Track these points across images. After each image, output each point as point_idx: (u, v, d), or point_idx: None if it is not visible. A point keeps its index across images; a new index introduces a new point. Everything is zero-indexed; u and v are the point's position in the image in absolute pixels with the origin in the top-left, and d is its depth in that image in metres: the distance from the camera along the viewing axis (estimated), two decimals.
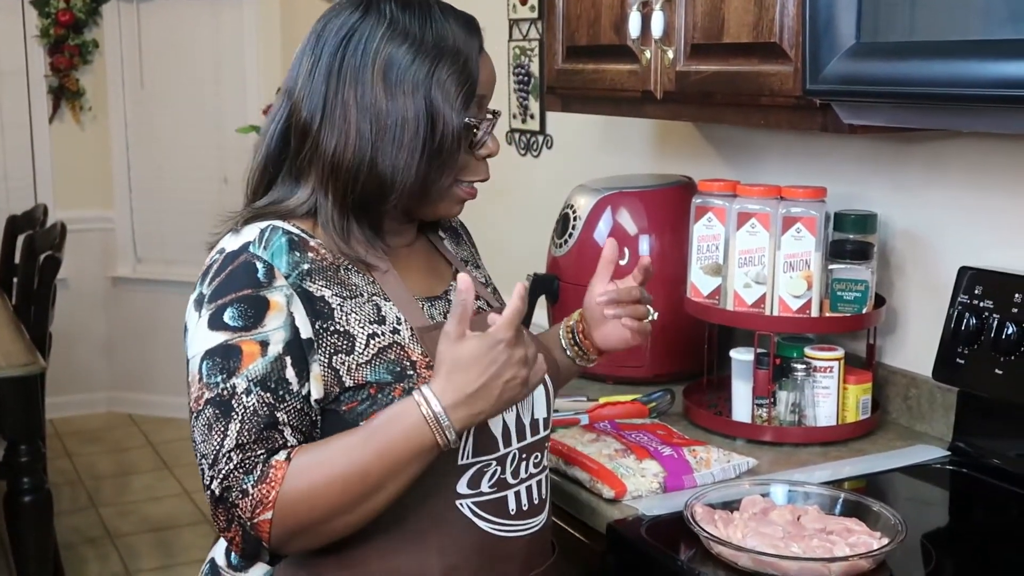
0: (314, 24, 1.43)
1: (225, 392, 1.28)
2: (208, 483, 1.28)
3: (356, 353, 1.32)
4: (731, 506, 1.54)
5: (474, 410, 1.27)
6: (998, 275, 1.76)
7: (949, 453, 1.82)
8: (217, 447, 1.27)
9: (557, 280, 2.26)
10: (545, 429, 1.49)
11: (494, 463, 1.39)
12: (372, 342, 1.33)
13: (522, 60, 2.90)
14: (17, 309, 3.78)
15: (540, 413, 1.47)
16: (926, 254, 1.95)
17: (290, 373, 1.29)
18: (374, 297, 1.37)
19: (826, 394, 1.88)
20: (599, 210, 2.21)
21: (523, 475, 1.44)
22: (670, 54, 1.92)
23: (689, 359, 2.19)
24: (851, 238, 1.89)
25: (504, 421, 1.40)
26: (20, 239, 4.14)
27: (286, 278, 1.32)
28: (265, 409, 1.28)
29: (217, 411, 1.28)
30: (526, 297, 1.29)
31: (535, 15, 2.82)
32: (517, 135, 2.99)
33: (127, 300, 5.28)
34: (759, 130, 2.20)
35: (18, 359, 3.01)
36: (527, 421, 1.43)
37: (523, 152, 2.97)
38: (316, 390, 1.31)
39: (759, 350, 1.88)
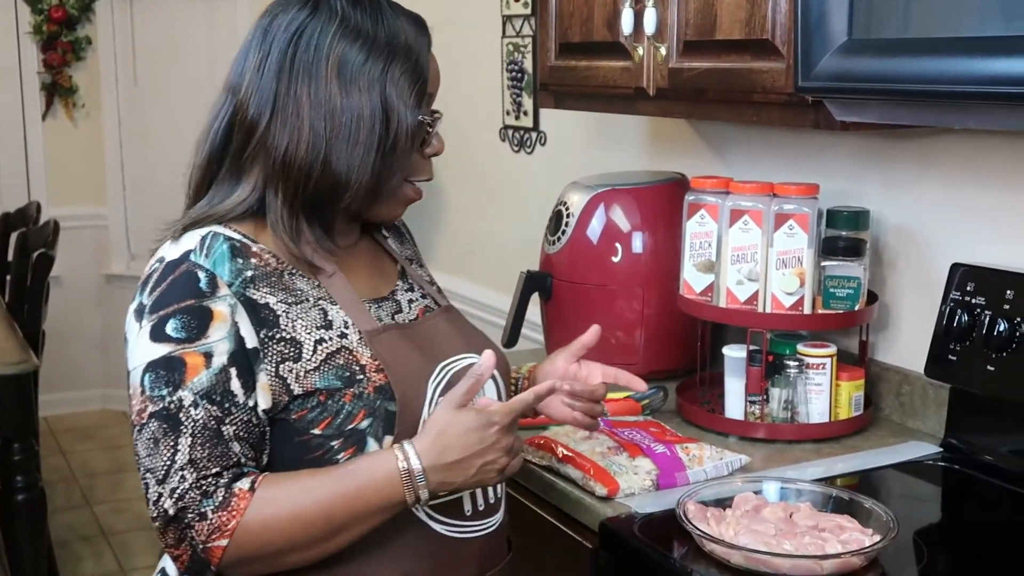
0: (258, 20, 1.40)
1: (172, 406, 1.26)
2: (156, 499, 1.26)
3: (304, 360, 1.31)
4: (724, 503, 1.54)
5: (448, 478, 1.28)
6: (990, 271, 1.76)
7: (941, 450, 1.83)
8: (167, 463, 1.25)
9: (550, 277, 2.26)
10: None
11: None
12: (320, 348, 1.32)
13: (515, 56, 2.89)
14: (10, 307, 3.77)
15: None
16: (918, 251, 1.95)
17: (235, 385, 1.28)
18: (320, 301, 1.35)
19: (819, 391, 1.88)
20: (592, 207, 2.21)
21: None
22: (663, 51, 1.92)
23: (682, 356, 2.19)
24: (843, 235, 1.89)
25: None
26: (13, 236, 4.13)
27: (229, 287, 1.29)
28: (213, 423, 1.26)
29: (164, 425, 1.26)
30: (541, 397, 1.34)
31: (528, 11, 2.81)
32: (510, 132, 2.99)
33: (121, 297, 5.23)
34: (752, 127, 2.20)
35: (11, 357, 3.00)
36: None
37: (516, 149, 2.97)
38: (264, 400, 1.29)
39: (752, 347, 1.89)
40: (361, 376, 1.32)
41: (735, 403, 1.93)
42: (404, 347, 1.38)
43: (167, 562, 1.40)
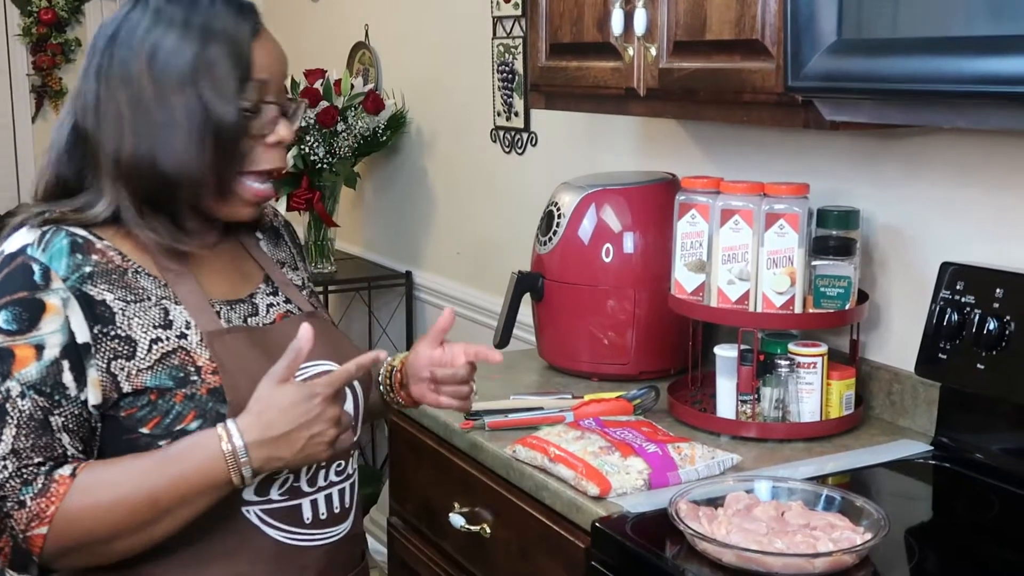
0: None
1: None
2: None
3: (137, 358, 1.30)
4: (715, 502, 1.54)
5: (275, 454, 1.27)
6: (980, 270, 1.77)
7: (932, 448, 1.83)
8: None
9: (542, 278, 2.27)
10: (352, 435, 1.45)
11: (285, 470, 1.35)
12: (155, 347, 1.31)
13: (506, 57, 2.90)
14: None
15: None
16: (908, 250, 1.95)
17: (67, 378, 1.27)
18: (163, 301, 1.34)
19: (810, 390, 1.88)
20: (583, 207, 2.21)
21: (321, 483, 1.41)
22: (653, 51, 1.92)
23: (673, 356, 2.20)
24: (834, 234, 1.90)
25: None
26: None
27: (64, 281, 1.29)
28: (40, 414, 1.26)
29: None
30: (364, 366, 1.33)
31: (519, 12, 2.82)
32: (501, 133, 2.99)
33: None
34: (742, 127, 2.21)
35: None
36: None
37: (507, 150, 2.97)
38: (93, 396, 1.29)
39: (743, 346, 1.89)
40: (195, 377, 1.31)
41: (726, 402, 1.93)
42: (248, 350, 1.36)
43: None
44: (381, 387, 1.62)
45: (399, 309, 3.53)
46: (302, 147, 3.24)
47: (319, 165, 3.28)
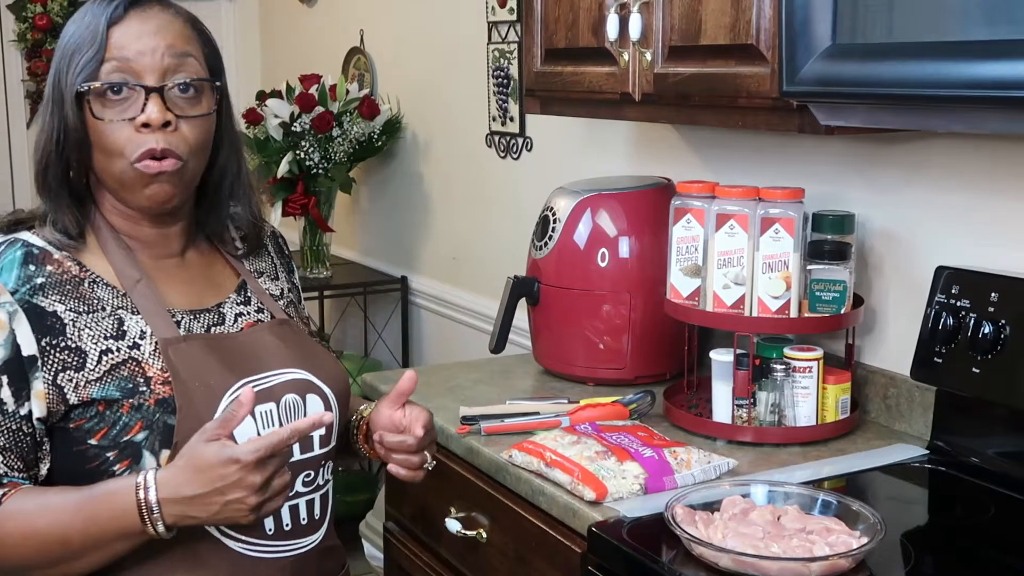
0: None
1: None
2: None
3: (87, 370, 1.30)
4: (712, 507, 1.54)
5: (188, 512, 1.24)
6: (975, 274, 1.77)
7: (928, 452, 1.83)
8: None
9: (537, 283, 2.27)
10: (323, 446, 1.42)
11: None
12: (105, 358, 1.30)
13: (501, 63, 2.90)
14: None
15: (317, 431, 1.38)
16: (904, 254, 1.96)
17: (5, 393, 1.27)
18: (119, 311, 1.34)
19: (805, 394, 1.88)
20: (579, 212, 2.21)
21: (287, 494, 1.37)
22: (648, 56, 1.92)
23: (669, 361, 2.20)
24: (829, 239, 1.90)
25: (259, 435, 1.31)
26: None
27: (13, 294, 1.29)
28: None
29: None
30: (301, 431, 1.25)
31: (514, 17, 2.82)
32: (497, 138, 2.99)
33: None
34: (737, 132, 2.21)
35: None
36: None
37: (503, 155, 2.97)
38: (38, 408, 1.28)
39: (739, 351, 1.89)
40: (144, 388, 1.30)
41: (722, 407, 1.93)
42: (205, 359, 1.34)
43: None
44: (349, 434, 1.57)
45: (395, 314, 3.53)
46: (297, 152, 3.24)
47: (314, 170, 3.28)
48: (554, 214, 2.24)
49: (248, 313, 1.45)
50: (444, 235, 3.30)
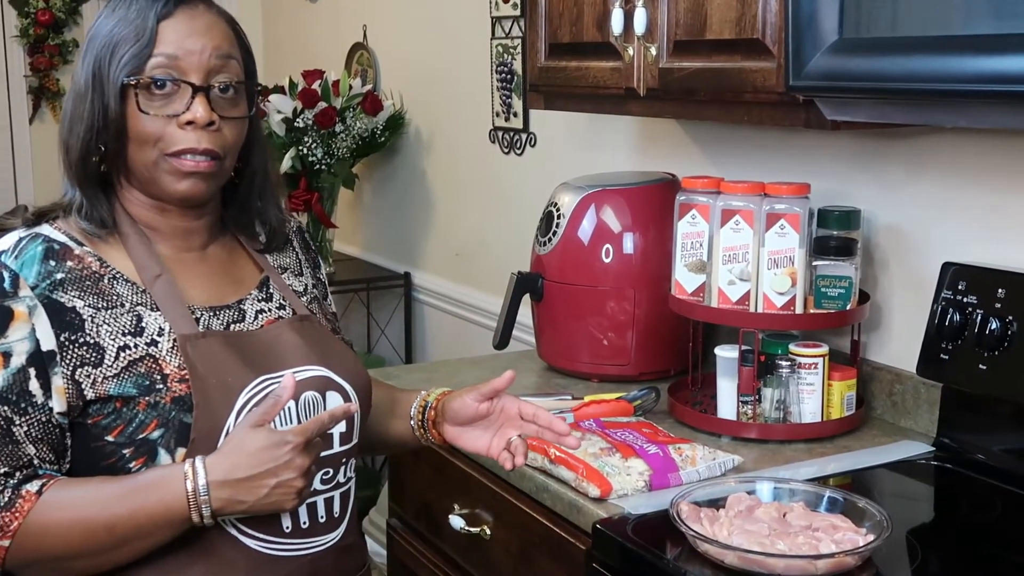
0: None
1: None
2: None
3: (104, 366, 1.30)
4: (717, 504, 1.53)
5: (236, 497, 1.26)
6: (981, 270, 1.76)
7: (934, 449, 1.83)
8: None
9: (541, 278, 2.26)
10: (343, 444, 1.42)
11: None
12: (123, 355, 1.30)
13: (505, 58, 2.89)
14: None
15: (338, 427, 1.40)
16: (910, 250, 1.95)
17: (34, 385, 1.28)
18: (138, 307, 1.33)
19: (811, 391, 1.88)
20: (583, 208, 2.21)
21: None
22: (653, 51, 1.91)
23: (674, 357, 2.19)
24: (835, 234, 1.89)
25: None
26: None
27: (32, 289, 1.29)
28: (3, 423, 1.26)
29: None
30: (337, 418, 1.32)
31: (517, 12, 2.81)
32: (500, 133, 2.98)
33: None
34: (743, 127, 2.20)
35: None
36: None
37: (507, 150, 2.96)
38: (59, 404, 1.29)
39: (744, 347, 1.88)
40: (161, 386, 1.30)
41: (727, 403, 1.92)
42: (223, 356, 1.34)
43: None
44: (412, 421, 1.57)
45: (398, 310, 3.52)
46: (300, 148, 3.24)
47: (317, 166, 3.27)
48: (558, 210, 2.24)
49: (269, 310, 1.45)
50: (447, 231, 3.29)
